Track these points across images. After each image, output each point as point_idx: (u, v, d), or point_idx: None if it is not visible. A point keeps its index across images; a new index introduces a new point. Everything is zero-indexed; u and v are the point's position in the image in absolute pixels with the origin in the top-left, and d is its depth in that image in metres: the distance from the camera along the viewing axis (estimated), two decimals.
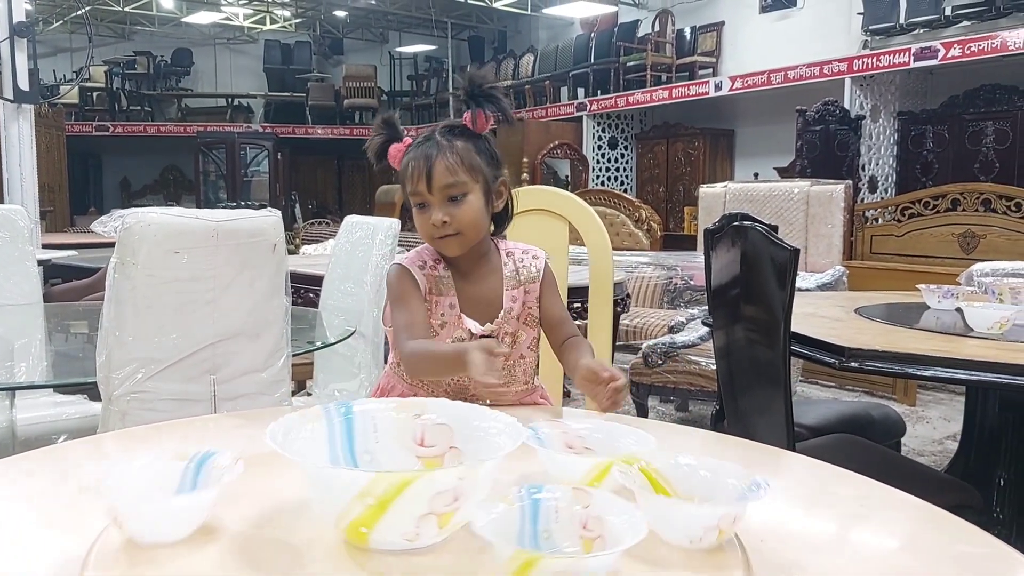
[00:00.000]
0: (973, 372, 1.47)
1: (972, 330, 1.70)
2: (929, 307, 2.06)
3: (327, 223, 8.96)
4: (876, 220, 6.54)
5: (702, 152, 10.00)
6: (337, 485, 0.67)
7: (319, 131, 14.24)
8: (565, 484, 0.71)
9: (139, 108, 13.72)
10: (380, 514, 0.66)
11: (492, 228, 1.29)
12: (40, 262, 3.12)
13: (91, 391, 2.26)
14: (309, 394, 2.43)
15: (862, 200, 7.35)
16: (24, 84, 3.60)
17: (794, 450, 1.64)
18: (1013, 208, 5.49)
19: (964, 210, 5.79)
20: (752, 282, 1.79)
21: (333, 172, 15.20)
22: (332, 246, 2.45)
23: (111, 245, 1.36)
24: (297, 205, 13.15)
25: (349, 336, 1.88)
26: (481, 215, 1.23)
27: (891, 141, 8.10)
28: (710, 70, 10.05)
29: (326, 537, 0.71)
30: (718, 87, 9.36)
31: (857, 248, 6.37)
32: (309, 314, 2.39)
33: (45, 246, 4.15)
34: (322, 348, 1.84)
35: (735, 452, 1.12)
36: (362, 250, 2.23)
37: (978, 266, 2.75)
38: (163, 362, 1.36)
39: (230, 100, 14.35)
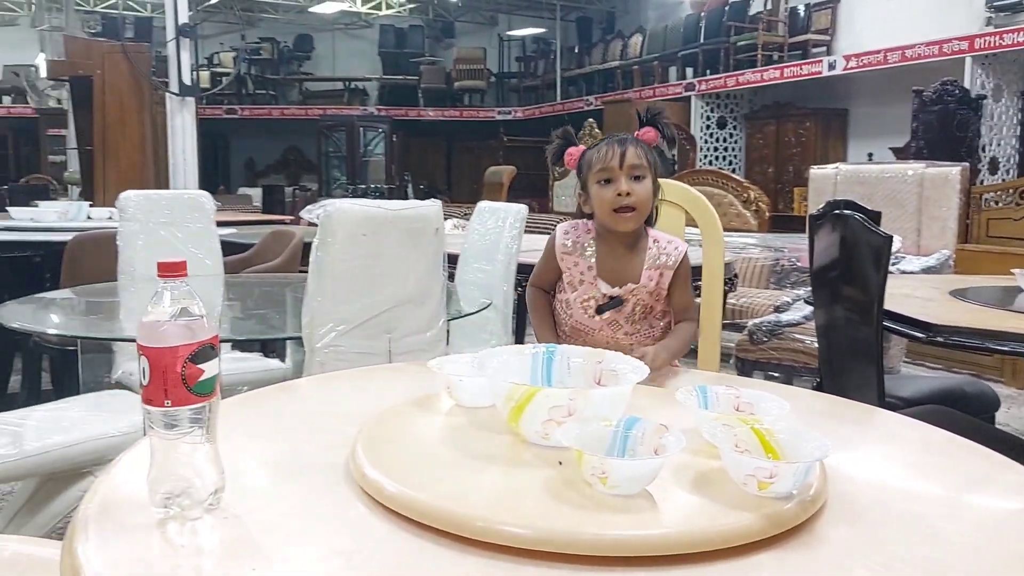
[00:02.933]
0: None
1: None
2: (1022, 290, 2.19)
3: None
4: (995, 203, 6.44)
5: (813, 132, 9.90)
6: (498, 391, 0.96)
7: (430, 113, 14.67)
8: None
9: (264, 92, 14.45)
10: (518, 415, 0.94)
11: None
12: None
13: (264, 350, 2.64)
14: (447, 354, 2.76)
15: (981, 182, 7.21)
16: (187, 79, 4.04)
17: None
18: None
19: None
20: (850, 265, 1.99)
21: (443, 153, 15.63)
22: (452, 227, 2.76)
23: (254, 223, 1.70)
24: (410, 185, 13.65)
25: (487, 307, 2.18)
26: (651, 199, 1.52)
27: (1014, 122, 7.89)
28: (824, 48, 9.91)
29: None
30: (831, 66, 9.26)
31: (973, 231, 6.30)
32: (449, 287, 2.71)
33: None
34: (469, 315, 2.14)
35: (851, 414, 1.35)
36: (494, 233, 2.52)
37: None
38: (352, 322, 1.69)
39: (347, 84, 14.94)
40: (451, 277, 2.82)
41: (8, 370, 3.50)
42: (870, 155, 8.91)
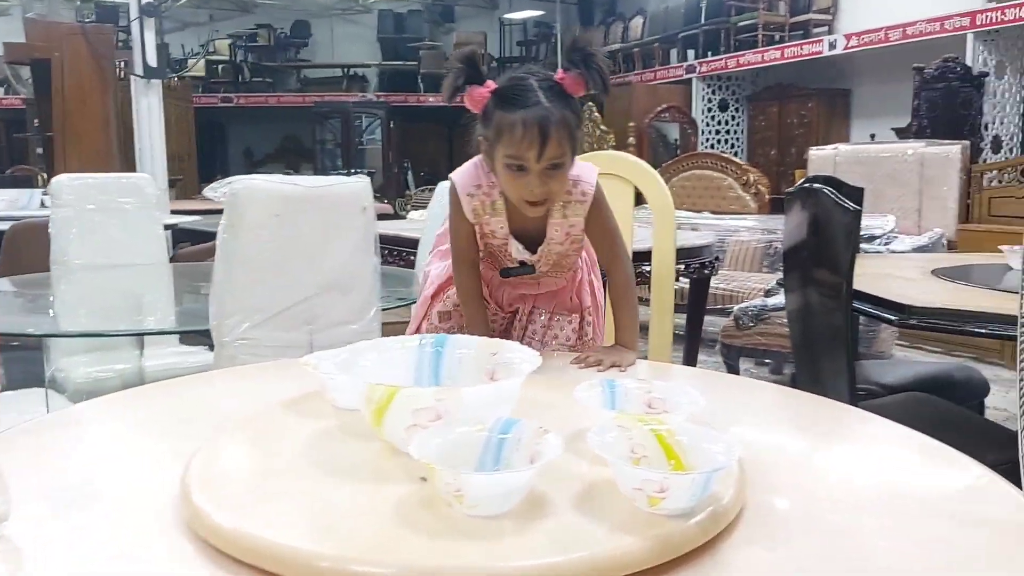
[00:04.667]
0: None
1: None
2: (1011, 268, 2.05)
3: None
4: (997, 182, 6.27)
5: (816, 113, 9.71)
6: (357, 390, 0.84)
7: (431, 99, 14.50)
8: None
9: (260, 79, 14.31)
10: (380, 417, 0.81)
11: None
12: (169, 227, 3.43)
13: (211, 342, 2.52)
14: None
15: (984, 161, 7.02)
16: (152, 60, 3.91)
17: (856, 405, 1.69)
18: None
19: None
20: (821, 244, 1.84)
21: (444, 140, 15.46)
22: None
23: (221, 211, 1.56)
24: (410, 172, 13.50)
25: None
26: (566, 181, 1.30)
27: (1017, 99, 7.68)
28: (826, 28, 9.70)
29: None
30: (832, 46, 9.06)
31: (974, 210, 6.13)
32: (407, 274, 2.57)
33: (174, 212, 4.50)
34: (411, 304, 2.00)
35: (782, 400, 1.21)
36: None
37: None
38: (266, 312, 1.55)
39: (346, 70, 14.78)
40: (412, 264, 2.68)
41: None
42: (872, 136, 8.72)
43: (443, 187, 2.55)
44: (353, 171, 12.04)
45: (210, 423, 0.95)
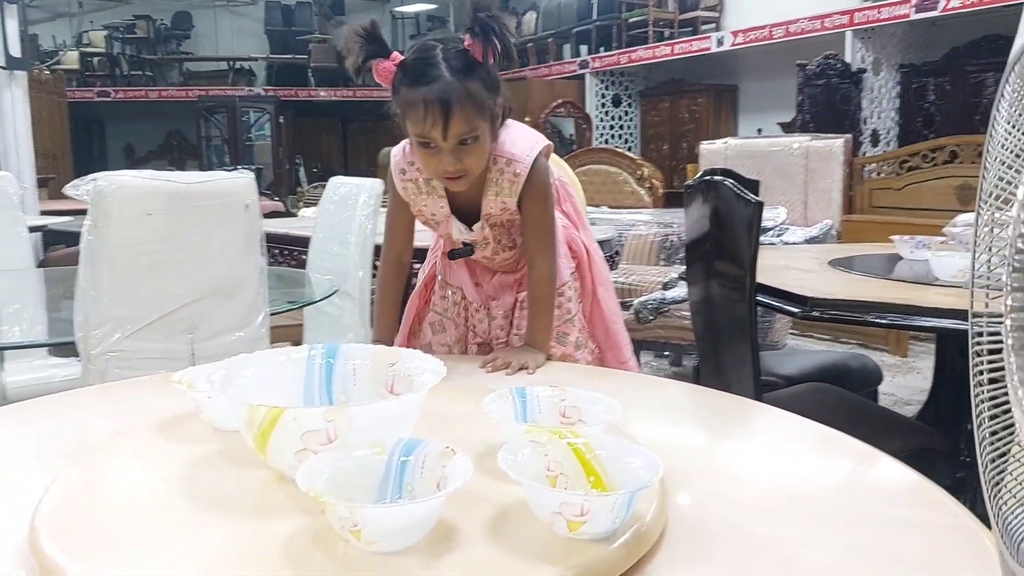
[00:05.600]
0: (932, 319, 1.51)
1: (938, 279, 1.73)
2: (902, 257, 2.09)
3: None
4: (876, 174, 6.54)
5: (706, 109, 9.92)
6: (236, 413, 0.74)
7: (322, 93, 14.17)
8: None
9: (140, 73, 13.68)
10: (264, 442, 0.71)
11: None
12: (37, 228, 3.18)
13: None
14: None
15: (864, 154, 7.31)
16: (16, 51, 3.63)
17: (761, 400, 1.68)
18: None
19: (962, 162, 5.78)
20: (723, 236, 1.83)
21: (337, 135, 15.16)
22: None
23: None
24: (301, 168, 13.15)
25: (331, 295, 1.93)
26: (487, 150, 1.24)
27: (893, 94, 8.03)
28: (713, 25, 9.93)
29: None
30: (720, 42, 9.27)
31: (857, 202, 6.38)
32: (297, 275, 2.44)
33: (45, 212, 4.20)
34: (303, 307, 1.88)
35: (694, 398, 1.17)
36: (346, 211, 2.27)
37: (961, 217, 2.77)
38: (140, 321, 1.41)
39: (231, 63, 14.28)
40: (303, 264, 2.55)
41: None
42: (759, 130, 8.98)
43: (336, 182, 2.44)
44: (240, 167, 11.64)
45: (71, 449, 0.84)
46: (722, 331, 1.97)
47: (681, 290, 3.73)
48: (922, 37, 7.99)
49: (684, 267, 4.29)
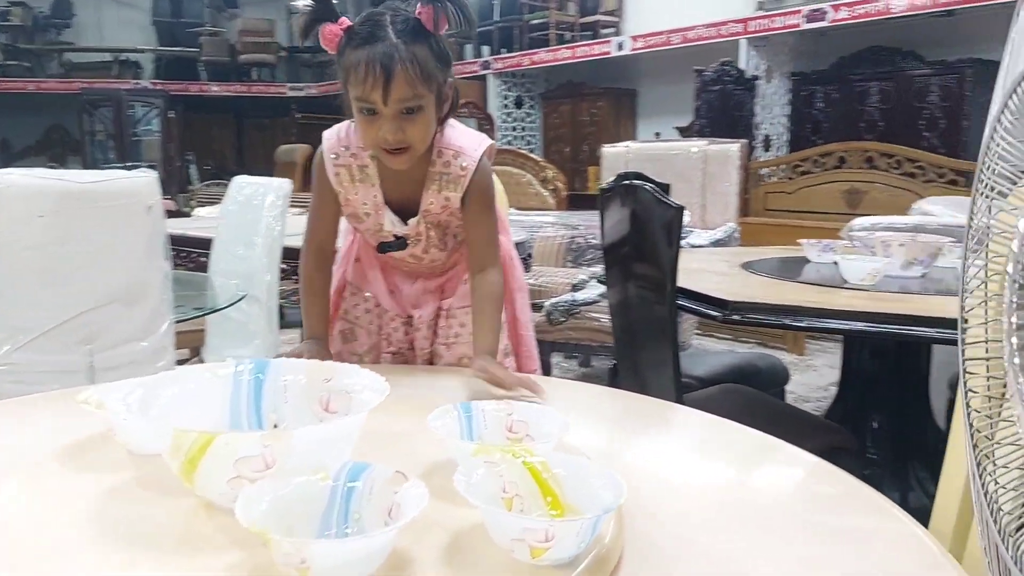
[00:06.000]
0: (845, 321, 1.55)
1: (847, 282, 1.78)
2: (810, 260, 2.14)
3: (225, 184, 8.66)
4: (770, 178, 6.76)
5: (606, 112, 10.06)
6: (161, 439, 0.67)
7: (215, 88, 13.71)
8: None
9: (16, 63, 12.92)
10: (192, 471, 0.65)
11: None
12: None
13: None
14: (202, 361, 2.37)
15: (757, 158, 7.54)
16: None
17: (682, 402, 1.69)
18: (894, 165, 5.74)
19: (850, 167, 6.03)
20: (642, 240, 1.83)
21: (232, 131, 14.69)
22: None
23: None
24: (193, 165, 12.69)
25: (238, 301, 1.84)
26: (432, 127, 1.19)
27: (784, 101, 8.32)
28: (613, 29, 10.08)
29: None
30: (620, 47, 9.42)
31: (752, 205, 6.58)
32: (199, 279, 2.32)
33: None
34: (210, 313, 1.79)
35: (628, 405, 1.15)
36: (252, 212, 2.17)
37: (857, 221, 2.87)
38: (33, 332, 1.30)
39: (116, 55, 13.65)
40: (206, 267, 2.43)
41: None
42: (657, 134, 9.16)
43: (240, 181, 2.34)
44: (130, 165, 11.14)
45: None
46: (640, 333, 1.97)
47: (591, 292, 3.75)
48: (811, 47, 8.30)
49: (592, 269, 4.33)
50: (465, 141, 1.25)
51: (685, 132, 8.41)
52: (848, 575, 0.68)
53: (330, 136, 1.26)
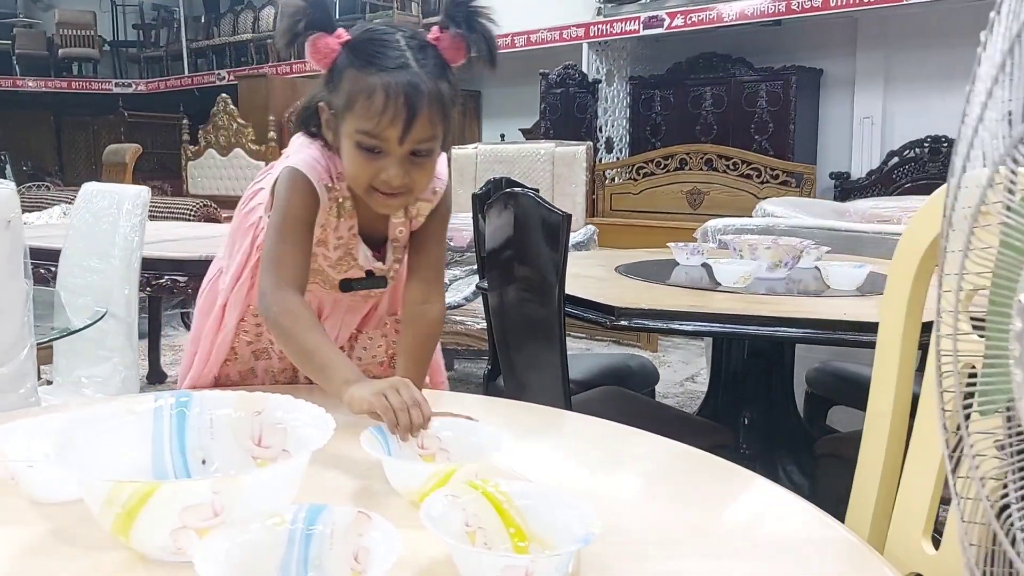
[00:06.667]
0: (726, 325, 1.62)
1: (719, 284, 1.86)
2: (678, 263, 2.22)
3: (47, 187, 8.05)
4: (615, 179, 6.99)
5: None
6: (88, 492, 0.61)
7: (30, 83, 12.73)
8: (405, 493, 0.67)
9: None
10: (129, 525, 0.60)
11: None
12: None
13: None
14: (50, 382, 2.19)
15: (600, 160, 7.77)
16: None
17: (569, 404, 1.71)
18: (731, 167, 6.07)
19: (691, 169, 6.32)
20: (524, 245, 1.84)
21: (50, 129, 13.65)
22: (61, 215, 2.22)
23: None
24: (8, 167, 11.71)
25: (102, 319, 1.71)
26: (432, 173, 1.06)
27: (624, 104, 8.62)
28: None
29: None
30: None
31: (599, 206, 6.77)
32: (45, 294, 2.14)
33: None
34: (75, 333, 1.65)
35: (516, 414, 1.15)
36: (107, 221, 2.02)
37: (711, 223, 3.02)
38: None
39: None
40: (50, 281, 2.24)
41: None
42: (502, 136, 9.27)
43: (91, 189, 2.17)
44: None
45: None
46: (521, 336, 1.98)
47: (454, 295, 3.75)
48: (649, 52, 8.65)
49: (450, 271, 4.32)
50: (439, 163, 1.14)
51: (529, 134, 8.56)
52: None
53: (312, 166, 1.07)
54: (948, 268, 0.59)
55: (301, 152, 1.09)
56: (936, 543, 0.80)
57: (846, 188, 6.78)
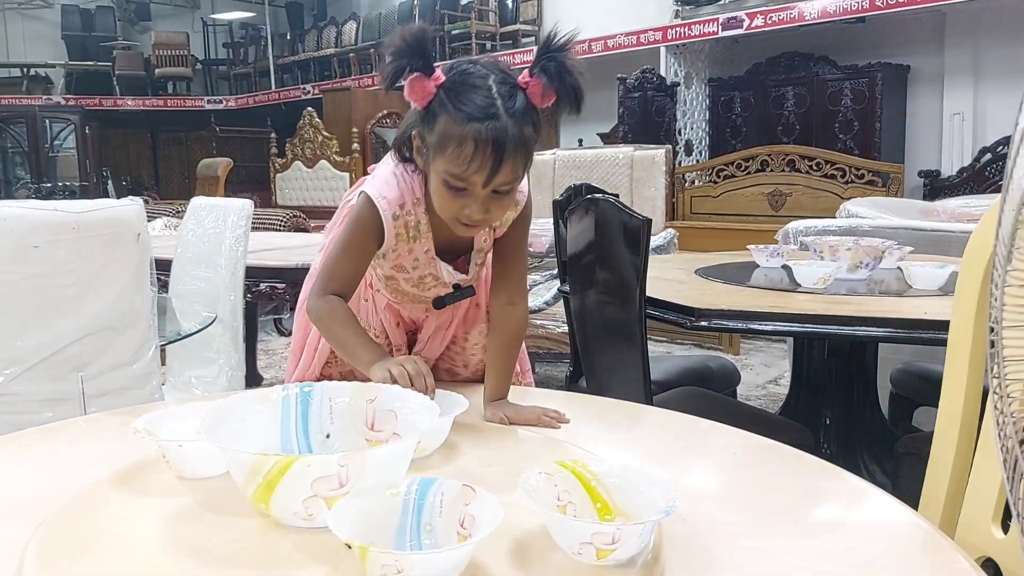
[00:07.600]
0: (806, 325, 1.65)
1: (799, 285, 1.88)
2: (758, 265, 2.25)
3: (146, 200, 8.46)
4: (695, 182, 6.95)
5: None
6: (235, 465, 0.70)
7: (130, 103, 13.38)
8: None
9: None
10: (269, 493, 0.69)
11: None
12: None
13: None
14: (163, 383, 2.35)
15: (679, 163, 7.75)
16: None
17: (651, 404, 1.76)
18: (814, 167, 5.97)
19: (772, 170, 6.25)
20: (605, 250, 1.90)
21: (147, 146, 14.33)
22: (163, 227, 2.37)
23: None
24: (110, 182, 12.33)
25: (211, 323, 1.84)
26: (510, 206, 1.14)
27: (703, 106, 8.58)
28: (532, 38, 10.22)
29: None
30: None
31: (679, 209, 6.74)
32: (159, 300, 2.30)
33: None
34: (189, 337, 1.79)
35: (600, 410, 1.21)
36: (214, 233, 2.17)
37: (792, 225, 3.02)
38: (27, 362, 1.30)
39: (25, 70, 13.18)
40: (163, 288, 2.41)
41: None
42: (580, 141, 9.31)
43: (198, 203, 2.33)
44: (46, 182, 10.77)
45: (27, 509, 0.75)
46: (601, 338, 2.05)
47: (535, 300, 3.83)
48: (728, 53, 8.59)
49: (531, 276, 4.40)
50: None
51: (607, 138, 8.58)
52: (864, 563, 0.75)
53: (385, 193, 1.15)
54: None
55: (382, 175, 1.17)
56: (1005, 528, 0.83)
57: (936, 187, 6.60)
